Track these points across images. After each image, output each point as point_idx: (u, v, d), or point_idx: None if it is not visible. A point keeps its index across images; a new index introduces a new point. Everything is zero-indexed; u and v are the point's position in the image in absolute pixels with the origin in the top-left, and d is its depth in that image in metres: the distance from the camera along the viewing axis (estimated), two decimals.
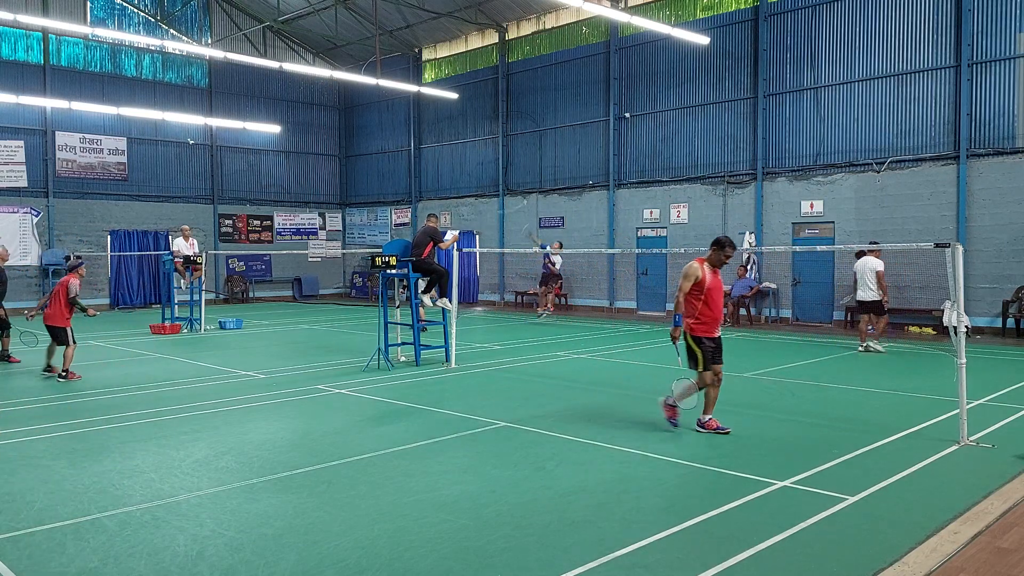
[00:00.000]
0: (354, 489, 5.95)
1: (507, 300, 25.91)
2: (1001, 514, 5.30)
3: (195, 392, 10.26)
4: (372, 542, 4.84)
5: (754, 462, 6.65)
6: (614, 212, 22.85)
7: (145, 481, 6.18)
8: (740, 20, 20.18)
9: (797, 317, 19.41)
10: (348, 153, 31.95)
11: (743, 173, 20.26)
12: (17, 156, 23.88)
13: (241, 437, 7.68)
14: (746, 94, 20.12)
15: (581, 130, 23.73)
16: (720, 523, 5.16)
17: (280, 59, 26.87)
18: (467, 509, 5.45)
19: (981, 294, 16.48)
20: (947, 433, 7.56)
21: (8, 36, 23.70)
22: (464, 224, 27.14)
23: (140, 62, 26.39)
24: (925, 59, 17.31)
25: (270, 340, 16.67)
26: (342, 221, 32.06)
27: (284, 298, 29.93)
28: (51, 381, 11.06)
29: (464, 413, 8.75)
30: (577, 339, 16.23)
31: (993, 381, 10.58)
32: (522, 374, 11.72)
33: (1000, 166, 16.41)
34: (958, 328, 7.31)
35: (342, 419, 8.62)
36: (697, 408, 7.95)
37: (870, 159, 18.10)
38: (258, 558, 4.60)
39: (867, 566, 4.44)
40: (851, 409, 8.94)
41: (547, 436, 7.64)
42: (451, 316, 12.48)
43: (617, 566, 4.45)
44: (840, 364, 12.71)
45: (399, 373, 11.73)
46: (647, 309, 22.32)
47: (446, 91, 25.89)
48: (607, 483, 6.06)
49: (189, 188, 27.71)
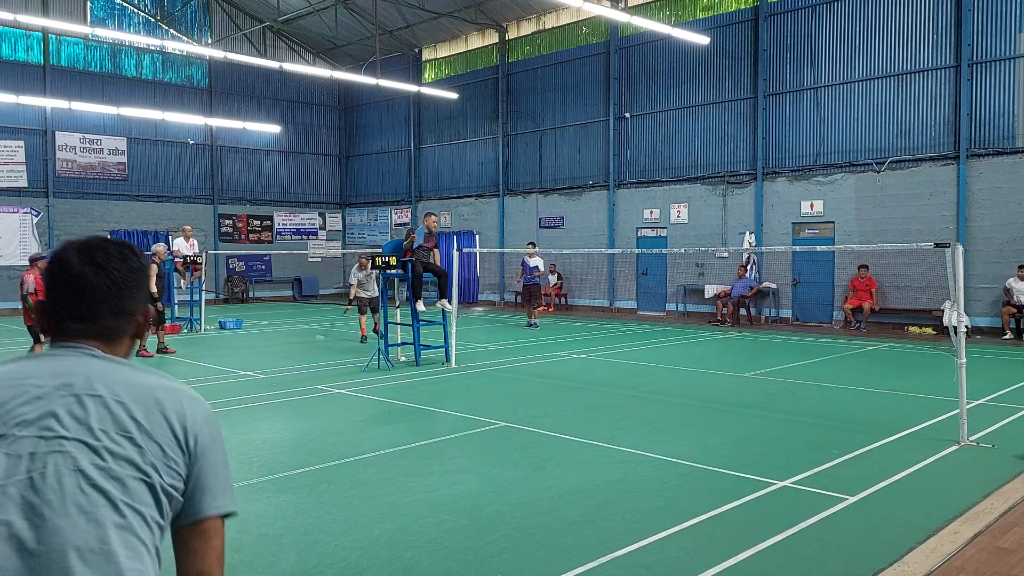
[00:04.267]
0: (354, 489, 5.95)
1: (507, 300, 25.90)
2: (1001, 514, 5.30)
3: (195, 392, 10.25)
4: (372, 542, 4.84)
5: (754, 462, 6.65)
6: (614, 212, 22.84)
7: None
8: (740, 20, 20.18)
9: (797, 317, 19.40)
10: (348, 153, 31.95)
11: (743, 173, 20.26)
12: (17, 156, 23.88)
13: (241, 437, 7.67)
14: (746, 94, 20.11)
15: (581, 130, 23.73)
16: (720, 523, 5.16)
17: (280, 59, 26.86)
18: (467, 509, 5.45)
19: (981, 294, 16.48)
20: (947, 433, 7.55)
21: (8, 36, 23.70)
22: (464, 224, 27.15)
23: (140, 62, 26.39)
24: (925, 59, 17.31)
25: (270, 340, 16.67)
26: (342, 221, 32.06)
27: (284, 298, 29.93)
28: None
29: (464, 413, 8.75)
30: (577, 339, 16.23)
31: (993, 381, 10.58)
32: (522, 374, 11.72)
33: (1000, 166, 16.40)
34: (958, 328, 7.31)
35: (342, 419, 8.62)
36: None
37: (870, 159, 18.10)
38: (258, 558, 4.60)
39: (867, 566, 4.44)
40: (851, 409, 8.94)
41: (547, 436, 7.64)
42: (451, 316, 12.48)
43: (617, 566, 4.45)
44: (840, 364, 12.71)
45: (399, 373, 11.72)
46: (647, 309, 22.31)
47: (446, 91, 25.89)
48: (607, 483, 6.06)
49: (189, 188, 27.70)
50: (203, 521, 1.56)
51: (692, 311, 21.16)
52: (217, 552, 1.58)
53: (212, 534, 1.57)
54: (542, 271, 19.60)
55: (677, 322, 20.18)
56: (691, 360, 13.19)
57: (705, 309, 20.69)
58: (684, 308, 21.30)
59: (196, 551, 1.56)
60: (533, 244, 19.89)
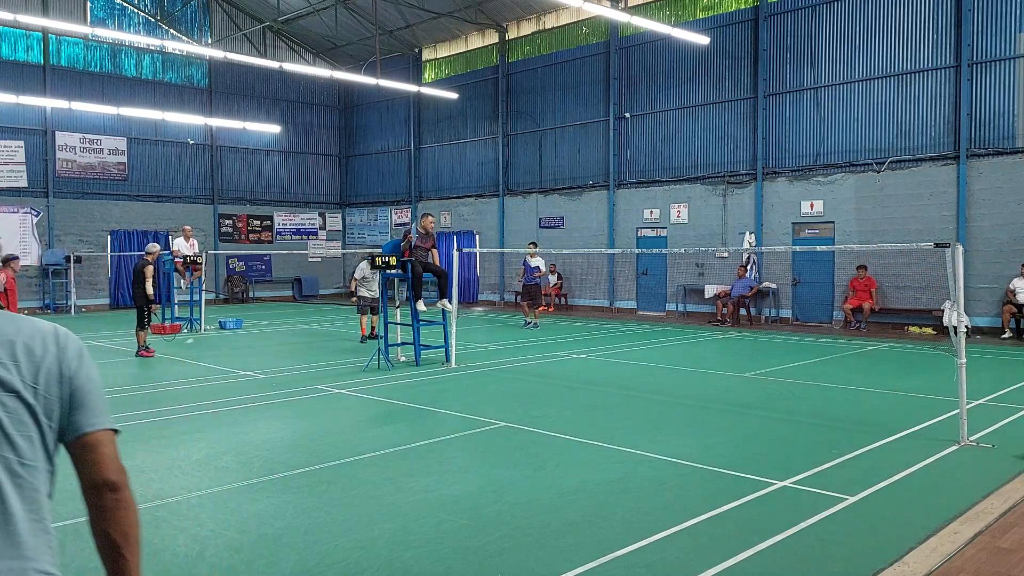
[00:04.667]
0: (354, 489, 5.95)
1: (507, 300, 25.90)
2: (1001, 514, 5.30)
3: (195, 392, 10.26)
4: (372, 542, 4.84)
5: (754, 462, 6.65)
6: (614, 212, 22.84)
7: (145, 481, 6.17)
8: (740, 20, 20.18)
9: (797, 317, 19.40)
10: (348, 153, 31.95)
11: (743, 173, 20.26)
12: (17, 156, 23.88)
13: (241, 437, 7.68)
14: (746, 94, 20.12)
15: (581, 130, 23.73)
16: (720, 523, 5.16)
17: (280, 59, 26.87)
18: (467, 509, 5.45)
19: (981, 294, 16.48)
20: (947, 433, 7.55)
21: (8, 36, 23.70)
22: (464, 224, 27.15)
23: (140, 62, 26.39)
24: (925, 59, 17.31)
25: (270, 340, 16.67)
26: (342, 221, 32.06)
27: (284, 298, 29.93)
28: None
29: (464, 413, 8.75)
30: (577, 339, 16.23)
31: (993, 381, 10.58)
32: (522, 374, 11.72)
33: (1000, 166, 16.40)
34: (958, 328, 7.31)
35: (342, 419, 8.62)
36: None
37: (870, 159, 18.10)
38: (258, 558, 4.60)
39: (867, 566, 4.44)
40: (851, 409, 8.94)
41: (547, 436, 7.64)
42: (451, 316, 12.48)
43: (617, 566, 4.45)
44: (840, 364, 12.70)
45: (399, 373, 11.72)
46: (647, 309, 22.31)
47: (446, 91, 25.89)
48: (607, 483, 6.06)
49: (189, 188, 27.71)
50: (88, 435, 1.78)
51: (692, 311, 21.17)
52: (110, 459, 1.79)
53: (99, 444, 1.79)
54: (543, 271, 19.45)
55: (677, 322, 20.18)
56: (691, 360, 13.19)
57: (705, 309, 20.69)
58: (684, 308, 21.30)
59: (88, 461, 1.78)
60: (534, 244, 19.75)
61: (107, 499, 1.78)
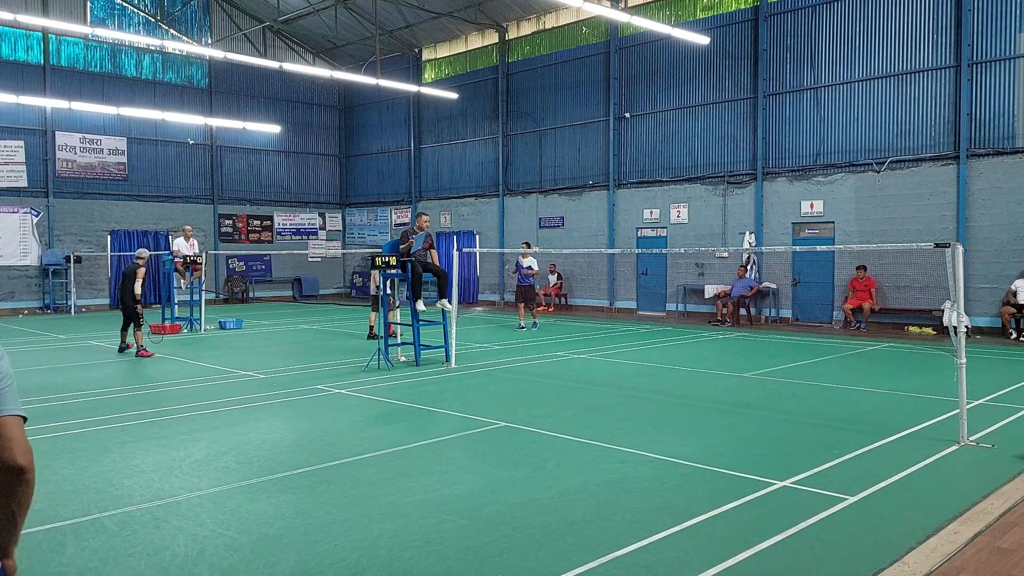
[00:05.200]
0: (354, 489, 5.95)
1: (507, 300, 25.90)
2: (1001, 514, 5.29)
3: (195, 392, 10.26)
4: (372, 542, 4.84)
5: (754, 462, 6.65)
6: (614, 212, 22.85)
7: (145, 481, 6.17)
8: (740, 20, 20.18)
9: (797, 317, 19.40)
10: (348, 153, 31.95)
11: (743, 173, 20.26)
12: (17, 156, 23.88)
13: (241, 437, 7.67)
14: (746, 94, 20.12)
15: (581, 130, 23.73)
16: (720, 523, 5.16)
17: (280, 59, 26.88)
18: (467, 509, 5.45)
19: (981, 294, 16.48)
20: (947, 433, 7.55)
21: (8, 36, 23.70)
22: (464, 224, 27.15)
23: (140, 62, 26.40)
24: (925, 59, 17.31)
25: (270, 340, 16.66)
26: (342, 221, 32.06)
27: (284, 298, 29.93)
28: (50, 381, 11.06)
29: (464, 413, 8.75)
30: (577, 339, 16.23)
31: (993, 381, 10.58)
32: (522, 374, 11.72)
33: (1000, 166, 16.41)
34: (958, 328, 7.31)
35: (342, 419, 8.62)
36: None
37: (870, 159, 18.10)
38: (258, 558, 4.60)
39: (867, 566, 4.44)
40: (851, 409, 8.94)
41: (547, 436, 7.63)
42: (451, 316, 12.48)
43: (617, 566, 4.45)
44: (840, 364, 12.70)
45: (399, 373, 11.72)
46: (647, 309, 22.32)
47: (446, 91, 25.90)
48: (607, 483, 6.06)
49: (189, 188, 27.71)
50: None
51: (692, 311, 21.17)
52: (17, 443, 2.05)
53: (6, 428, 2.05)
54: (536, 271, 18.91)
55: (677, 322, 20.18)
56: (691, 360, 13.19)
57: (705, 309, 20.70)
58: (684, 308, 21.30)
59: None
60: (528, 244, 19.60)
61: (12, 479, 2.06)
